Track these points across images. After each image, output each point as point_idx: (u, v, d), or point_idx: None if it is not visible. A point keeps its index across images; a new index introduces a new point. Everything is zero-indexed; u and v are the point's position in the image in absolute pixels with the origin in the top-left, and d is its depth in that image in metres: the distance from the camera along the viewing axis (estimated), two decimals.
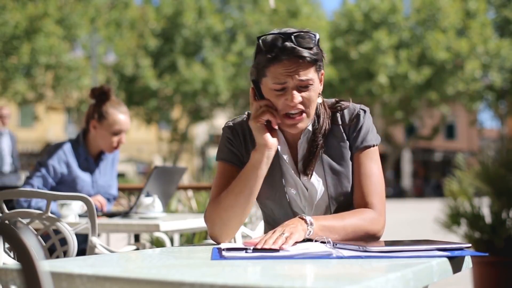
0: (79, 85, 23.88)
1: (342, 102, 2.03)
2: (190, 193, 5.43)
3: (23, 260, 1.05)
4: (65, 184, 3.32)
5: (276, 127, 1.92)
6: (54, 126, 34.22)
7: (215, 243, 1.95)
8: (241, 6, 28.87)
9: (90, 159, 3.42)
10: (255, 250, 1.60)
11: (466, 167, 5.78)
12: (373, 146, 1.97)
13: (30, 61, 22.36)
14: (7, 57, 22.45)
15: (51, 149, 3.36)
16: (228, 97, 27.68)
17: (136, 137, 34.07)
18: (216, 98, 27.50)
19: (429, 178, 42.18)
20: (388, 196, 30.26)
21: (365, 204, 1.90)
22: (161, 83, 26.69)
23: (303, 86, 1.86)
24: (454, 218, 5.34)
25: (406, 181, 39.74)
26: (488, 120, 77.80)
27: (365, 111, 2.00)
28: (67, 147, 3.37)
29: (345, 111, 2.01)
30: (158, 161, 33.41)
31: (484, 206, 5.29)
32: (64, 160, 3.32)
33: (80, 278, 1.31)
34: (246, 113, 2.08)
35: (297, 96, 1.86)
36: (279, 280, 1.22)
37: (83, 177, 3.37)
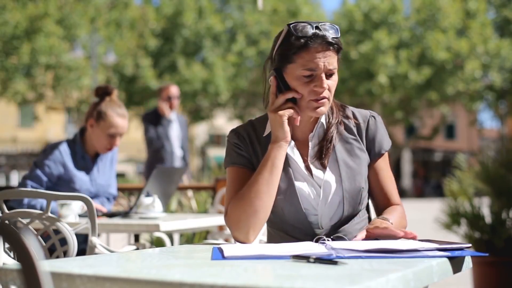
0: (79, 85, 23.90)
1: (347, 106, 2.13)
2: (190, 193, 5.43)
3: (23, 260, 1.05)
4: (63, 184, 3.32)
5: (298, 124, 1.97)
6: (54, 126, 34.21)
7: (215, 243, 1.94)
8: (241, 6, 28.86)
9: (87, 157, 3.42)
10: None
11: (466, 167, 5.78)
12: (388, 149, 2.09)
13: (30, 61, 22.37)
14: (7, 57, 22.46)
15: (47, 149, 3.35)
16: (228, 97, 27.67)
17: (136, 137, 34.04)
18: (216, 98, 27.49)
19: (429, 178, 42.17)
20: None
21: (392, 204, 2.04)
22: (161, 83, 26.68)
23: (329, 74, 1.93)
24: (454, 218, 5.34)
25: (406, 181, 39.74)
26: (488, 120, 77.82)
27: (377, 117, 2.08)
28: (63, 147, 3.36)
29: (356, 112, 2.08)
30: None
31: (484, 206, 5.29)
32: (60, 161, 3.31)
33: (80, 278, 1.31)
34: (248, 120, 2.11)
35: (326, 82, 1.91)
36: (279, 280, 1.22)
37: (81, 175, 3.36)
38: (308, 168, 2.00)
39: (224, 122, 32.92)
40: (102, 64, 26.27)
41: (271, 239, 2.08)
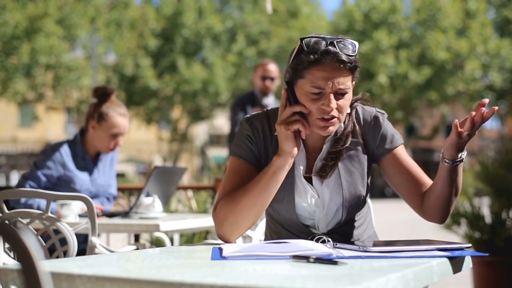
0: (79, 85, 23.93)
1: (359, 103, 2.04)
2: (190, 193, 5.43)
3: (23, 260, 1.05)
4: (63, 184, 3.32)
5: (304, 137, 1.91)
6: (54, 126, 34.22)
7: (214, 243, 1.94)
8: (241, 6, 28.88)
9: (87, 158, 3.42)
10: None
11: (466, 167, 5.78)
12: (402, 144, 2.02)
13: (30, 61, 22.40)
14: (7, 57, 22.48)
15: (47, 150, 3.35)
16: (228, 97, 27.67)
17: (136, 137, 34.06)
18: (216, 98, 27.49)
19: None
20: (389, 196, 30.27)
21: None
22: (161, 83, 26.69)
23: (340, 94, 1.85)
24: (454, 218, 5.33)
25: None
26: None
27: (383, 114, 2.03)
28: (64, 148, 3.36)
29: (360, 112, 2.02)
30: (158, 161, 33.42)
31: (484, 206, 5.29)
32: (60, 161, 3.31)
33: (80, 278, 1.31)
34: (265, 109, 2.05)
35: (334, 102, 1.84)
36: (279, 280, 1.22)
37: (81, 176, 3.36)
38: (309, 178, 1.97)
39: (224, 122, 32.92)
40: (102, 64, 26.29)
41: (268, 228, 2.11)
